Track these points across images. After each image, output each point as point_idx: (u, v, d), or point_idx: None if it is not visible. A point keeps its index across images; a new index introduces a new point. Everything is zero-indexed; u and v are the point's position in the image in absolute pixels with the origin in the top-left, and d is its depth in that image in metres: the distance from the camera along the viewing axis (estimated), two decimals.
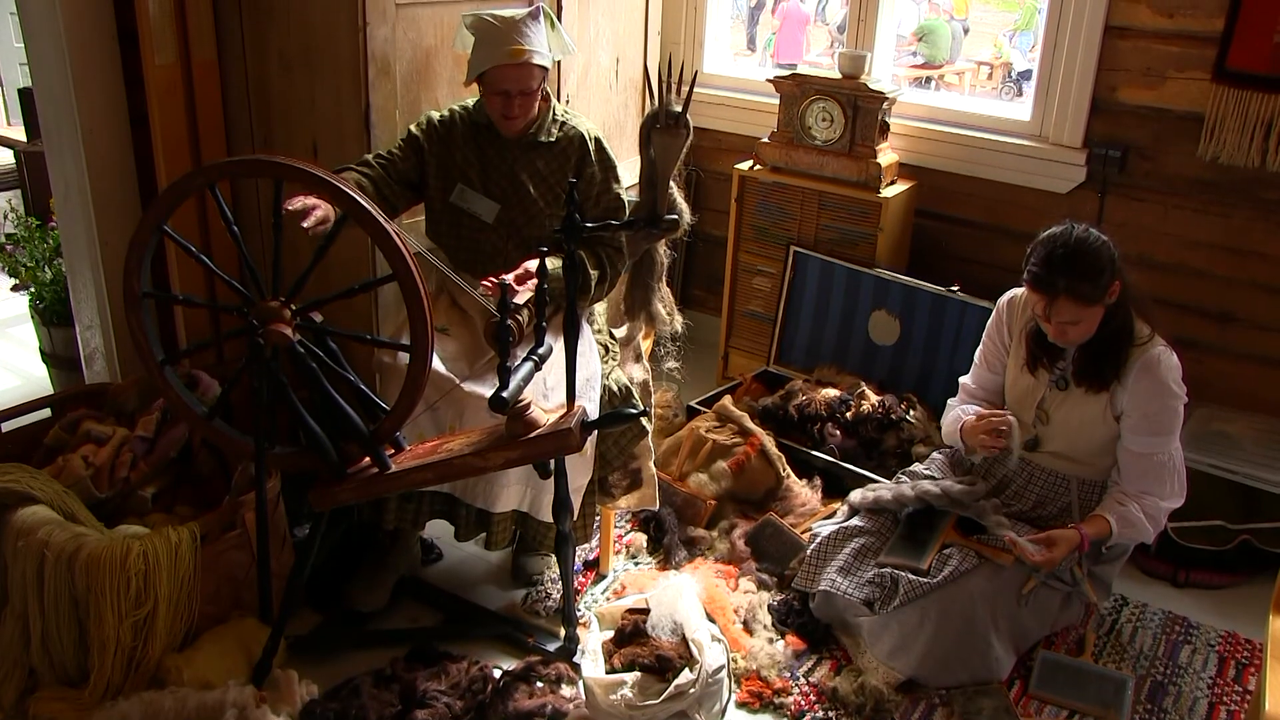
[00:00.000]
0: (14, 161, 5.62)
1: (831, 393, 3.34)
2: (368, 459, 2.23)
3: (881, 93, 3.41)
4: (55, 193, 2.99)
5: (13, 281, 3.71)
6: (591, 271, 2.62)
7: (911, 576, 2.42)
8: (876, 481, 2.87)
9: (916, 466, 2.77)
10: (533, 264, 2.51)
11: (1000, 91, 9.99)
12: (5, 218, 3.83)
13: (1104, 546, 2.51)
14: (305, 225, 2.22)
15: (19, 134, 5.84)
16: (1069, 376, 2.49)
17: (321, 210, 2.25)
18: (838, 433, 3.22)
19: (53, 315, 3.49)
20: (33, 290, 3.55)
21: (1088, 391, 2.46)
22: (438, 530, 2.83)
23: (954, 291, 3.35)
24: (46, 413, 2.81)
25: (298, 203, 2.21)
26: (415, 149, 2.64)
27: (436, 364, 2.44)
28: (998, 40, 10.96)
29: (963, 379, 2.78)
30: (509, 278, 2.34)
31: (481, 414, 2.25)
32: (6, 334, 4.35)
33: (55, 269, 3.51)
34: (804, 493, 3.07)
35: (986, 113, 3.60)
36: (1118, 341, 2.42)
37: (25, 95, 5.72)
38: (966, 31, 10.59)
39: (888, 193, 3.47)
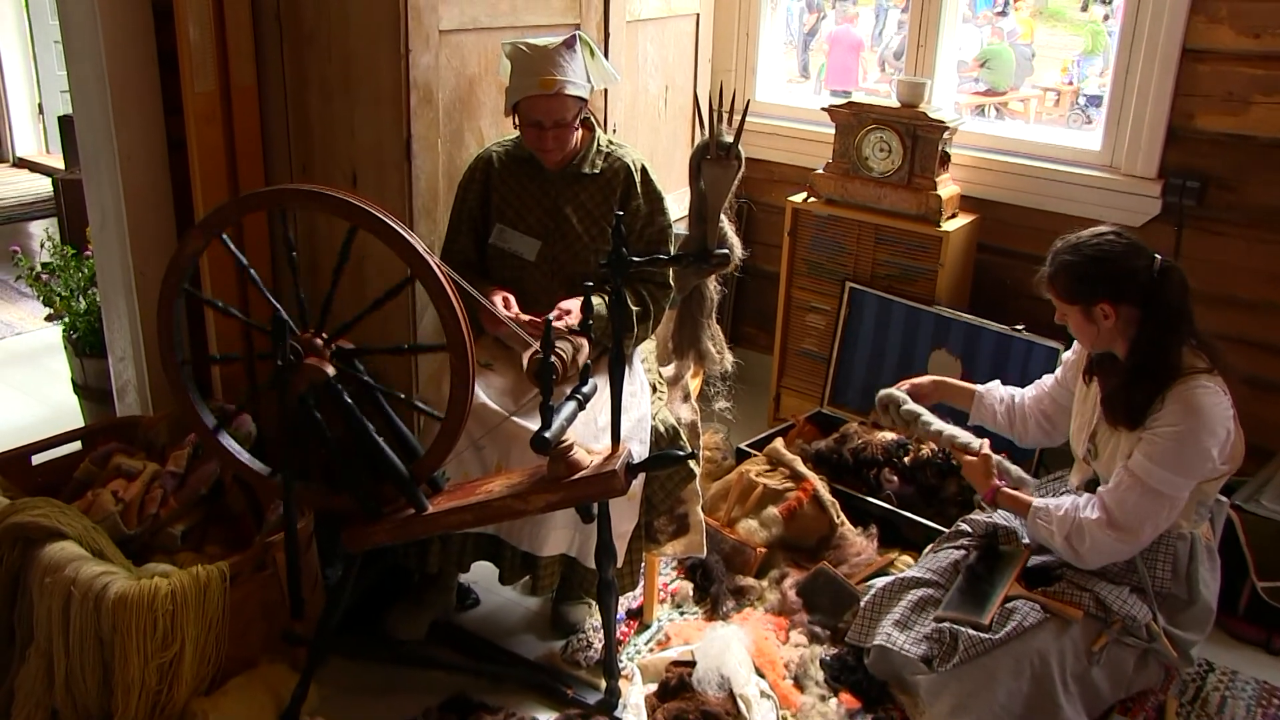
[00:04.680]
0: (51, 189, 5.80)
1: (888, 436, 3.32)
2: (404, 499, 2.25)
3: (942, 122, 3.41)
4: (92, 221, 3.07)
5: (47, 311, 3.80)
6: (633, 308, 2.63)
7: (972, 632, 2.38)
8: (937, 531, 2.84)
9: (977, 515, 2.74)
10: (568, 303, 2.54)
11: (1068, 119, 9.93)
12: (41, 246, 3.93)
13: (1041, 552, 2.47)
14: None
15: (57, 162, 6.02)
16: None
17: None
18: (895, 479, 3.19)
19: (85, 346, 3.56)
20: (66, 320, 3.64)
21: (1132, 428, 2.41)
22: (475, 575, 2.84)
23: (1019, 331, 3.32)
24: (77, 445, 2.87)
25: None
26: (473, 223, 2.71)
27: (483, 398, 2.47)
28: (1066, 65, 10.90)
29: (1047, 376, 2.77)
30: (550, 318, 2.37)
31: (530, 452, 2.26)
32: (39, 364, 4.46)
33: (90, 299, 3.59)
34: (859, 541, 3.04)
35: (1054, 142, 3.58)
36: (1143, 380, 2.36)
37: (65, 123, 5.92)
38: (1033, 56, 10.56)
39: (948, 226, 3.46)
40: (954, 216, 3.53)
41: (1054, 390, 2.70)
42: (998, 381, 2.78)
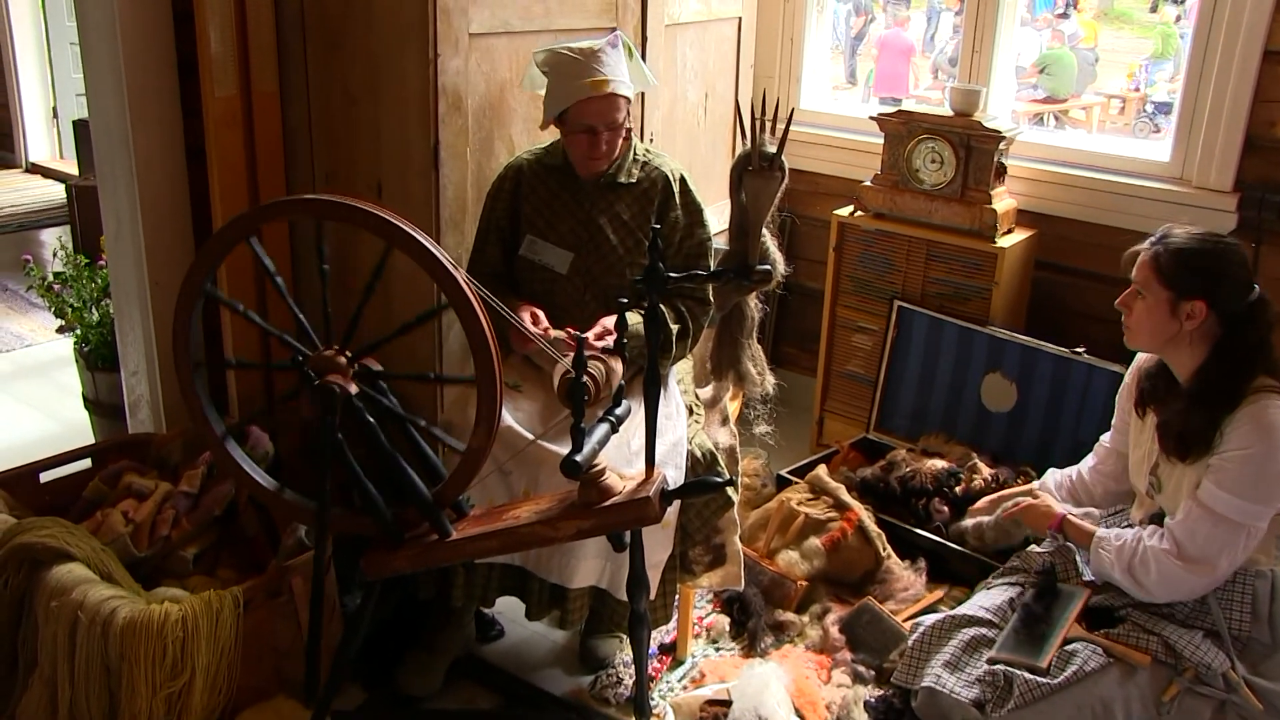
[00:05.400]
0: (65, 196, 5.90)
1: (939, 464, 3.30)
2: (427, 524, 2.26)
3: (998, 131, 3.40)
4: (106, 229, 3.12)
5: (58, 323, 3.85)
6: (671, 326, 2.64)
7: (1028, 675, 2.35)
8: (991, 566, 2.81)
9: (1034, 549, 2.71)
10: (610, 320, 2.54)
11: (1134, 128, 9.87)
12: (54, 255, 3.99)
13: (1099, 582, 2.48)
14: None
15: (71, 168, 6.12)
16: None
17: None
18: (945, 509, 3.17)
19: (98, 359, 3.61)
20: (78, 332, 3.69)
21: (1185, 459, 2.38)
22: (500, 605, 2.84)
23: (1078, 353, 3.29)
24: (87, 463, 2.90)
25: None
26: (501, 234, 2.73)
27: (510, 420, 2.47)
28: (1133, 70, 10.83)
29: (1104, 435, 2.76)
30: (589, 336, 2.37)
31: (558, 477, 2.28)
32: (49, 378, 4.52)
33: (103, 310, 3.64)
34: (906, 576, 3.02)
35: (1118, 152, 3.56)
36: (1203, 407, 2.33)
37: (80, 128, 6.02)
38: (1096, 61, 10.51)
39: (1004, 242, 3.44)
40: (1010, 232, 3.51)
41: (1115, 441, 2.67)
42: (1051, 470, 2.80)
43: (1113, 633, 2.41)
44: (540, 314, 2.58)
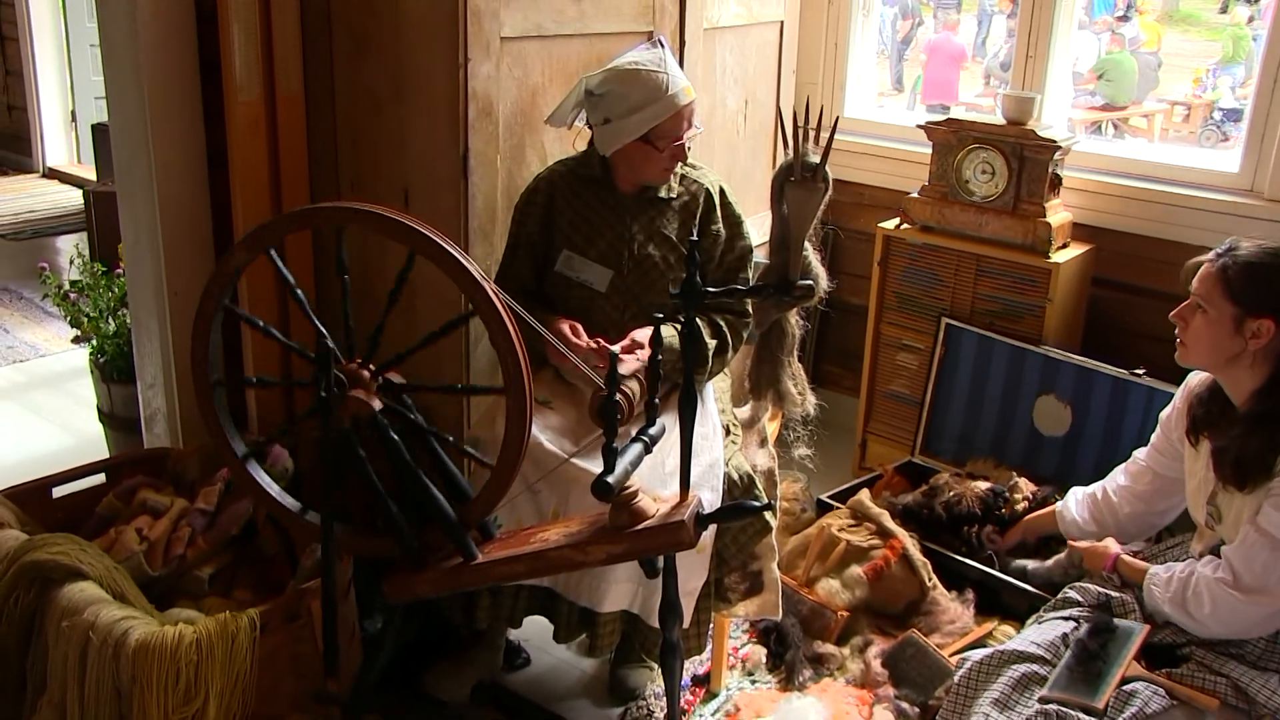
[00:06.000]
0: (82, 202, 5.98)
1: (982, 485, 3.27)
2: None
3: (1053, 141, 3.38)
4: (125, 237, 3.16)
5: (74, 332, 3.90)
6: (708, 341, 2.64)
7: (1083, 717, 2.33)
8: (1041, 598, 2.79)
9: (1089, 582, 2.69)
10: (640, 334, 2.55)
11: (1200, 137, 9.80)
12: (70, 263, 4.05)
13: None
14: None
15: (89, 173, 6.20)
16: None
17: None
18: (999, 537, 3.14)
19: (113, 371, 3.65)
20: (94, 343, 3.73)
21: (1243, 487, 2.35)
22: (527, 632, 2.85)
23: (1138, 375, 3.27)
24: (101, 478, 2.93)
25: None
26: (531, 248, 2.73)
27: (540, 438, 2.48)
28: (1199, 75, 10.74)
29: (1139, 450, 2.75)
30: (615, 349, 2.37)
31: (589, 498, 2.28)
32: (63, 389, 4.57)
33: (120, 320, 3.68)
34: (953, 607, 3.00)
35: (1182, 163, 3.54)
36: (1261, 430, 2.30)
37: (99, 131, 6.11)
38: (1159, 66, 10.44)
39: (1059, 257, 3.43)
40: (1065, 246, 3.49)
41: (1153, 460, 2.65)
42: (1074, 489, 2.83)
43: (1175, 673, 2.38)
44: (580, 328, 2.59)
